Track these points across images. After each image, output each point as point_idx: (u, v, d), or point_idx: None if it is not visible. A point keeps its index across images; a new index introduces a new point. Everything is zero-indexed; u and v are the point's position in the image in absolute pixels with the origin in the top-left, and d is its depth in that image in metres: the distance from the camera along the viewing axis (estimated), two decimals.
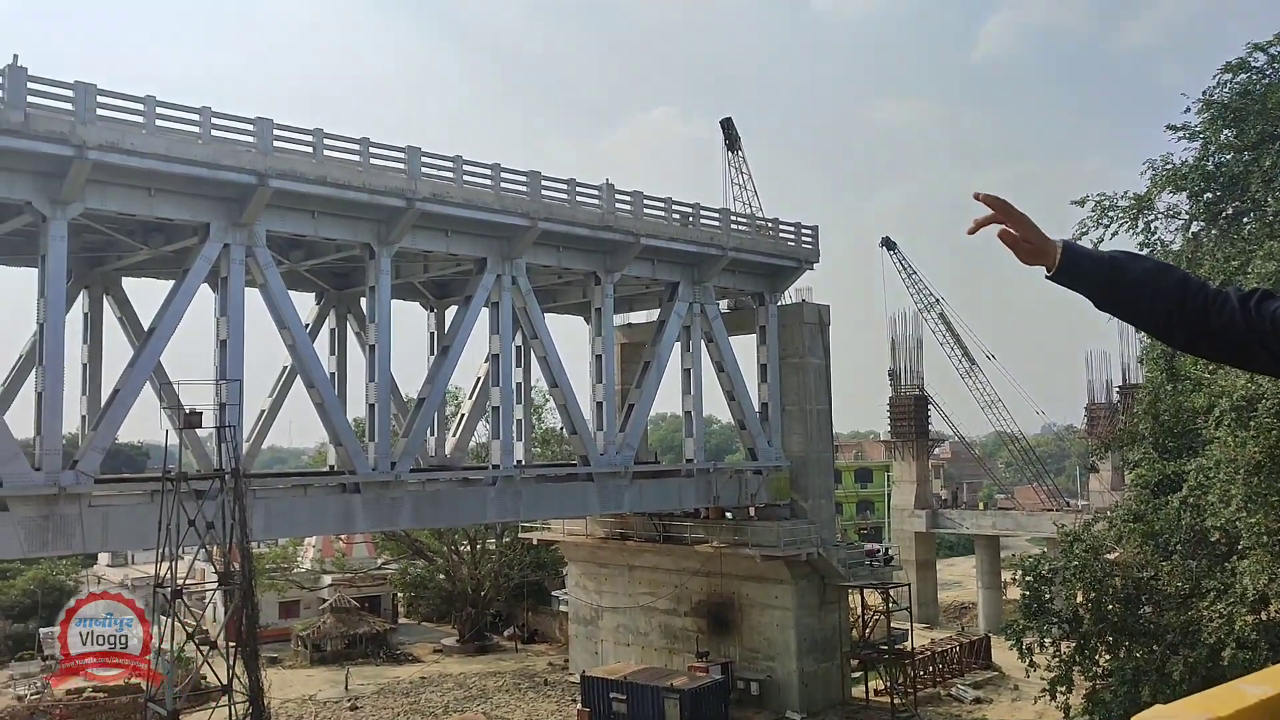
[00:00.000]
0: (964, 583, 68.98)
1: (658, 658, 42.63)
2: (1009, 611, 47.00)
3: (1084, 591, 21.28)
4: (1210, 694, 1.92)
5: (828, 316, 43.59)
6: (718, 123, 52.99)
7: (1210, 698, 1.89)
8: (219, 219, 27.83)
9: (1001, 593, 56.80)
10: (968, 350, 64.57)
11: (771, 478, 41.53)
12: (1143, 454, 21.54)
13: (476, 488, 34.07)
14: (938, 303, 64.20)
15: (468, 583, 57.16)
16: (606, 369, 37.32)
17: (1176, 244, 21.89)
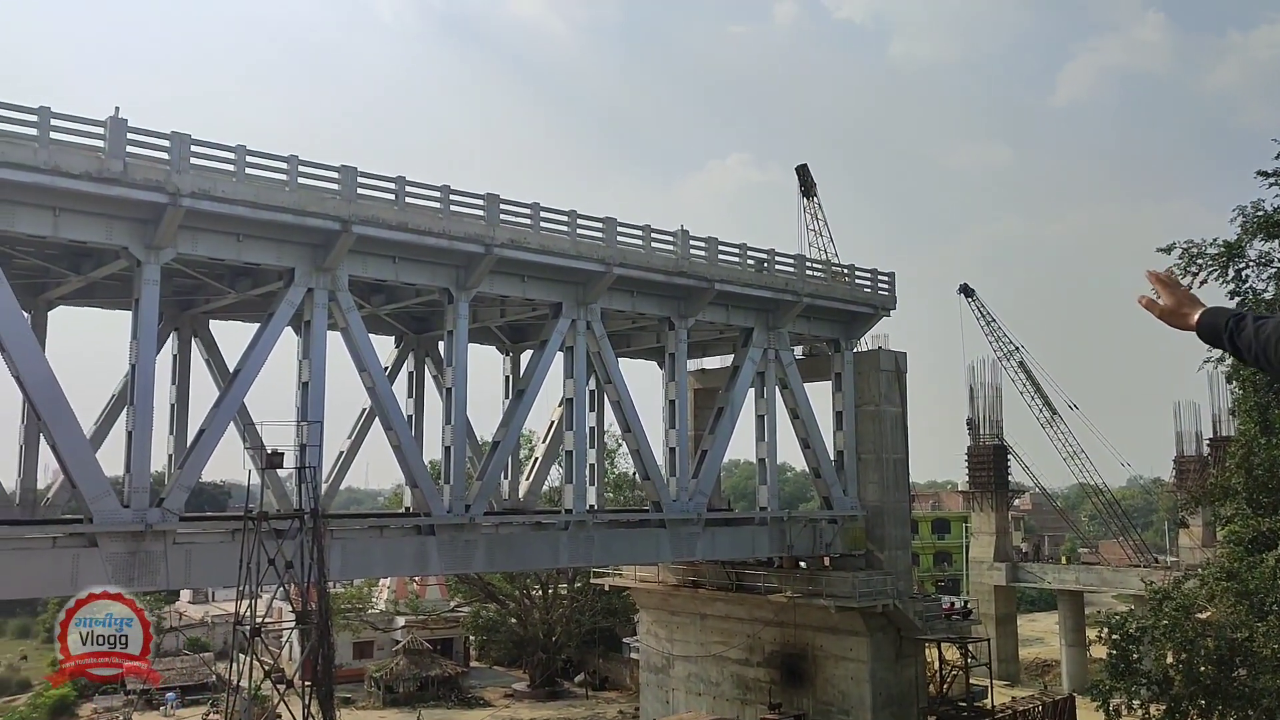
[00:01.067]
0: (1046, 639, 67.00)
1: (730, 708, 41.99)
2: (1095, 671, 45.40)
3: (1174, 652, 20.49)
4: None
5: (904, 364, 43.05)
6: (793, 169, 53.06)
7: None
8: (303, 264, 28.55)
9: (1086, 651, 55.00)
10: (1049, 399, 63.27)
11: (847, 527, 40.92)
12: (1236, 509, 20.78)
13: (549, 532, 34.10)
14: (1017, 350, 63.16)
15: (539, 627, 57.13)
16: (680, 414, 37.25)
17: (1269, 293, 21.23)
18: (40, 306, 32.09)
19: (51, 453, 25.90)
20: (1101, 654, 25.33)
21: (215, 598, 71.63)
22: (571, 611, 57.54)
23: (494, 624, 62.16)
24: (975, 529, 63.10)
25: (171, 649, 62.73)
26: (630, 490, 57.88)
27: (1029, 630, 69.90)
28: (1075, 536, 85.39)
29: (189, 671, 55.80)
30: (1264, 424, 20.16)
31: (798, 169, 52.89)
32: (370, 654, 60.34)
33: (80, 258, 29.30)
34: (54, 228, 24.74)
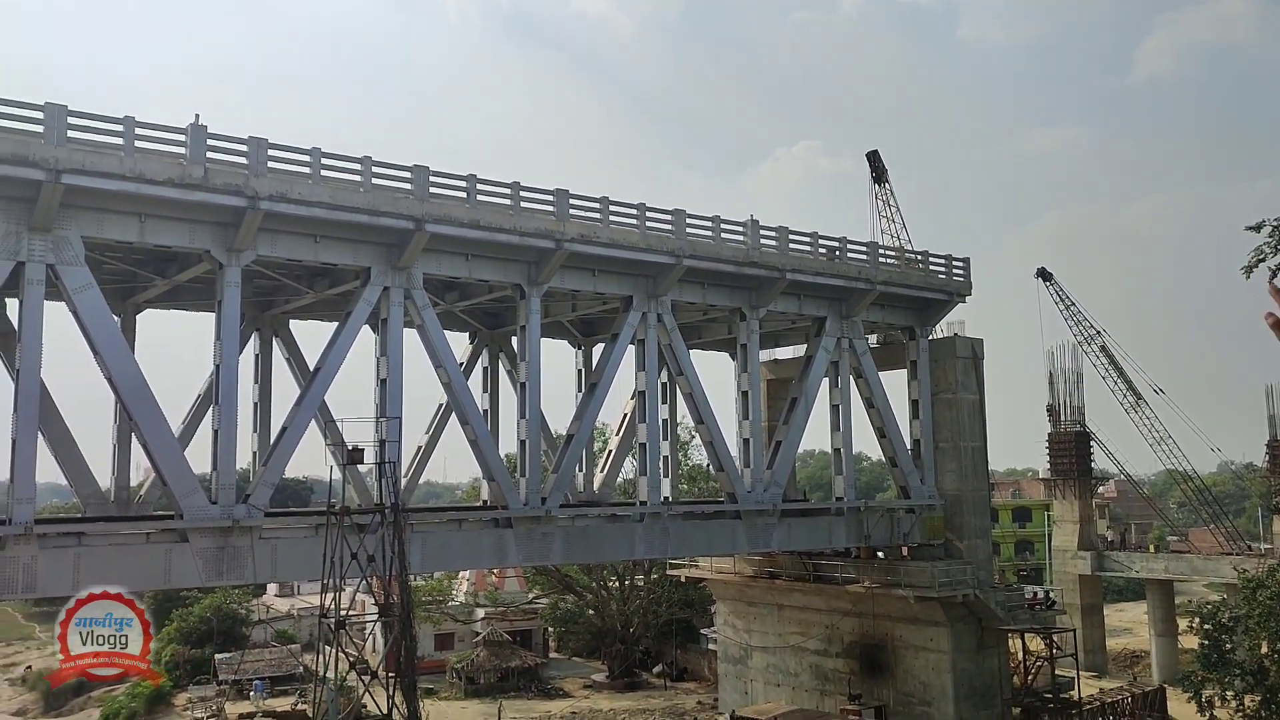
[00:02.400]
0: (1134, 629, 65.42)
1: (808, 699, 41.78)
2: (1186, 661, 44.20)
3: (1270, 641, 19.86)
4: None
5: (981, 350, 42.31)
6: (864, 155, 52.47)
7: None
8: (379, 263, 29.03)
9: (1177, 641, 53.62)
10: (1132, 384, 61.75)
11: (925, 516, 40.40)
12: None
13: (624, 524, 34.25)
14: (1098, 334, 61.72)
15: (617, 619, 57.43)
16: (753, 405, 37.09)
17: None
18: (129, 310, 33.10)
19: (143, 451, 26.70)
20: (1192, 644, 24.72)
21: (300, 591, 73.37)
22: (648, 603, 57.73)
23: (572, 615, 62.65)
24: (1058, 517, 61.81)
25: (260, 640, 64.38)
26: (705, 482, 57.84)
27: (1116, 620, 68.29)
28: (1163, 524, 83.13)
29: (277, 663, 57.22)
30: None
31: (868, 155, 52.30)
32: (451, 646, 61.27)
33: (165, 262, 30.17)
34: (140, 233, 25.49)
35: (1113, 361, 61.62)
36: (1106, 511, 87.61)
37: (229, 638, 63.32)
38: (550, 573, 58.83)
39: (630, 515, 34.20)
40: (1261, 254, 20.63)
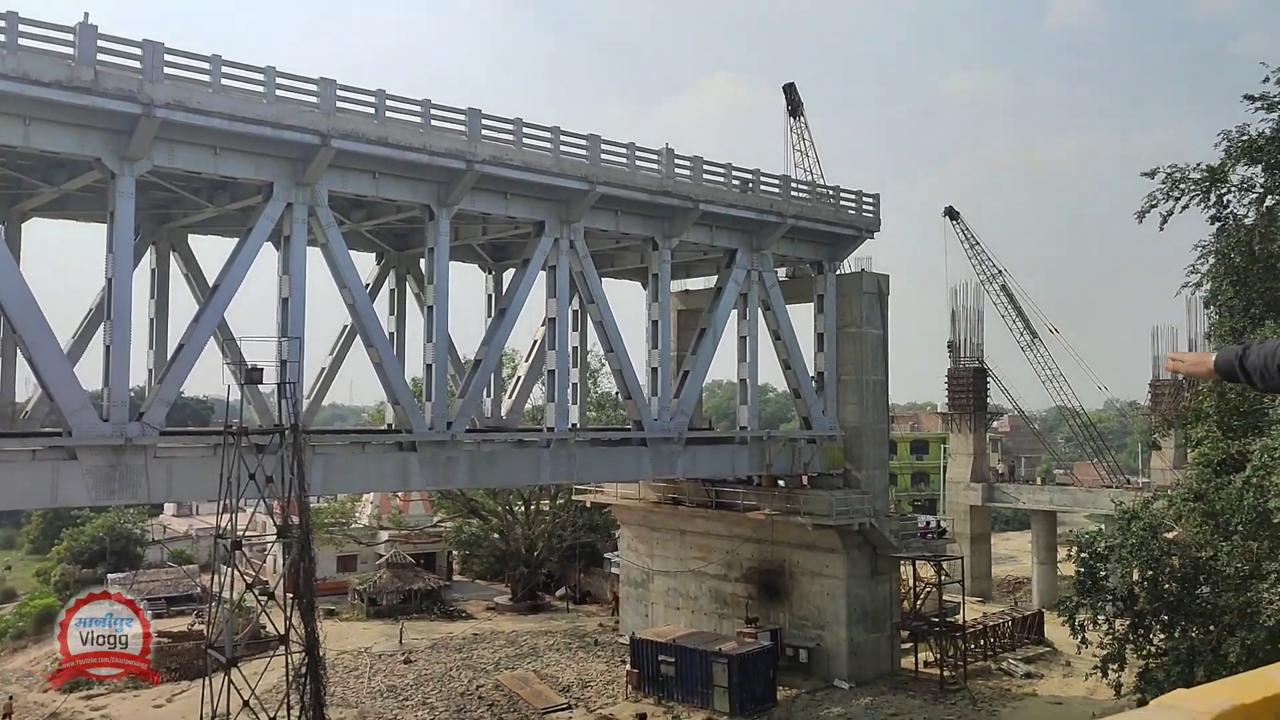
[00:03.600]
0: (1018, 558, 68.32)
1: (707, 622, 42.88)
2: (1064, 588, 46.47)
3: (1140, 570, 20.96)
4: (1240, 679, 1.89)
5: (887, 286, 43.08)
6: (780, 88, 52.37)
7: (1239, 683, 1.86)
8: (282, 178, 28.18)
9: (1056, 569, 56.19)
10: (1030, 323, 63.54)
11: (826, 447, 41.36)
12: (1206, 432, 21.09)
13: (531, 449, 34.36)
14: (1000, 274, 63.21)
15: (521, 543, 57.86)
16: (662, 335, 37.30)
17: (1250, 218, 21.28)
18: (13, 218, 31.67)
19: (29, 366, 25.77)
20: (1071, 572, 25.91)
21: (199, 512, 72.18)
22: (553, 527, 58.26)
23: (476, 539, 62.90)
24: (953, 450, 63.83)
25: (155, 561, 63.35)
26: (613, 409, 58.20)
27: (1002, 549, 71.20)
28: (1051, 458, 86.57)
29: (173, 583, 56.46)
30: None
31: (785, 88, 52.17)
32: (353, 568, 61.12)
33: (54, 169, 28.85)
34: (24, 137, 24.27)
35: (1012, 301, 63.31)
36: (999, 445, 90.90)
37: (123, 557, 62.15)
38: (455, 497, 58.85)
39: (537, 441, 34.31)
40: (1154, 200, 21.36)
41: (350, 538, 61.68)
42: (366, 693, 39.01)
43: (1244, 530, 18.81)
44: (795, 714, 35.94)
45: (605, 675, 40.86)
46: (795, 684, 38.66)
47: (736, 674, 35.26)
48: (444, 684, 39.95)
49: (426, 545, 62.45)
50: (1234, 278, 20.45)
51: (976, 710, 36.27)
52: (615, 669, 41.06)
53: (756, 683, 36.01)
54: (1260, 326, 19.23)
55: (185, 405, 71.96)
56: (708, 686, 35.84)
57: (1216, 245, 21.16)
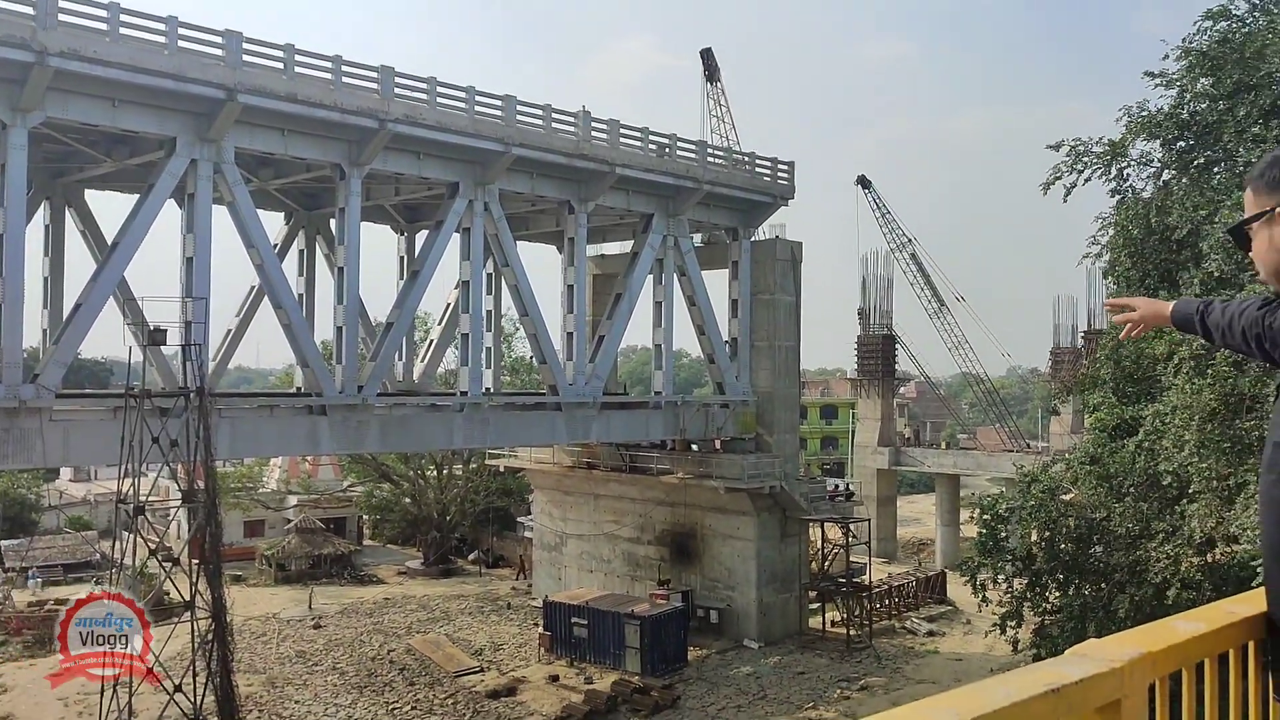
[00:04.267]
0: (923, 520, 70.18)
1: (620, 585, 43.25)
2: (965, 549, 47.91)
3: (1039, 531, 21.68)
4: (1145, 629, 1.98)
5: (800, 254, 43.58)
6: (697, 53, 52.33)
7: (1145, 632, 1.95)
8: (186, 133, 27.27)
9: (959, 530, 57.88)
10: (937, 291, 65.00)
11: (738, 412, 41.85)
12: (1102, 398, 21.85)
13: (444, 413, 34.10)
14: (910, 243, 64.42)
15: (433, 507, 57.51)
16: (578, 299, 37.23)
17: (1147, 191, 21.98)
18: None
19: None
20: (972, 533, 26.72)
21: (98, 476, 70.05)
22: (466, 492, 58.01)
23: (388, 504, 62.30)
24: (861, 415, 65.12)
25: (52, 528, 61.39)
26: (527, 374, 57.99)
27: (908, 511, 73.07)
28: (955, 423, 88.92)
29: (71, 550, 54.80)
30: None
31: (702, 53, 52.17)
32: (261, 533, 60.07)
33: None
34: None
35: (921, 269, 64.62)
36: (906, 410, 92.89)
37: (16, 524, 60.06)
38: (366, 461, 58.14)
39: (450, 405, 34.06)
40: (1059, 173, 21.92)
41: (258, 502, 60.56)
42: (275, 658, 38.50)
43: (1135, 492, 19.61)
44: (705, 673, 36.56)
45: (518, 638, 40.99)
46: (706, 644, 39.28)
47: (648, 635, 35.67)
48: (354, 649, 39.64)
49: (336, 510, 61.63)
50: (1131, 249, 21.12)
51: (881, 667, 37.34)
52: (528, 632, 41.22)
53: (668, 643, 36.50)
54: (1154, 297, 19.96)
55: (83, 367, 69.53)
56: (620, 648, 36.20)
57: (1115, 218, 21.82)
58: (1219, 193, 19.48)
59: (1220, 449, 16.60)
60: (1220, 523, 16.71)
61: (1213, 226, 18.38)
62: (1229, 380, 16.49)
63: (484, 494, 57.91)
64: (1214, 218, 18.51)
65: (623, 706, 32.86)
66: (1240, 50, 19.35)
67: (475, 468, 57.86)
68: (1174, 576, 18.01)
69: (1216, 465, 16.56)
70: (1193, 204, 19.52)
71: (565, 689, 34.67)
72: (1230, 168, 20.15)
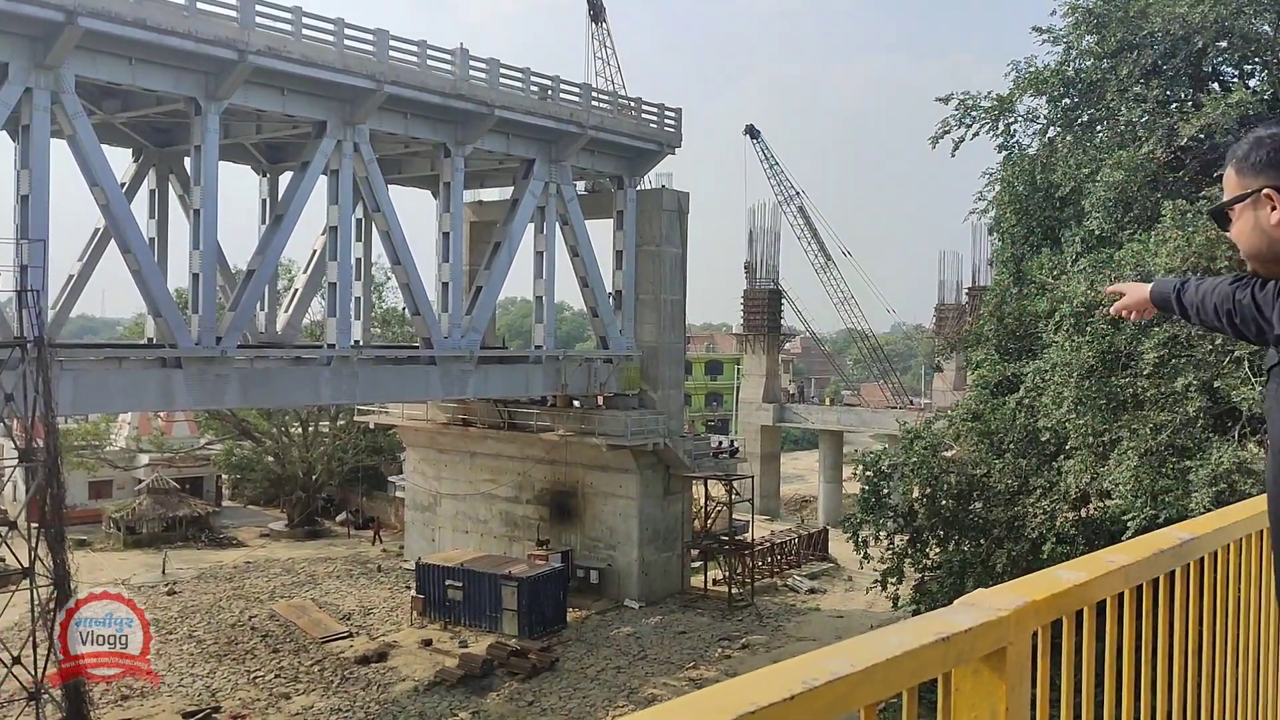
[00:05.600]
0: (806, 476, 72.02)
1: (497, 545, 43.30)
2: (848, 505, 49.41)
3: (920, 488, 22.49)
4: (1030, 578, 2.09)
5: (687, 204, 43.85)
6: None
7: (1028, 582, 2.06)
8: (20, 59, 25.75)
9: (842, 487, 59.60)
10: (824, 246, 66.39)
11: (622, 367, 42.09)
12: (985, 355, 22.69)
13: (309, 367, 33.39)
14: (798, 195, 65.51)
15: (298, 466, 56.47)
16: (454, 248, 36.75)
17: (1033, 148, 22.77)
18: None
19: None
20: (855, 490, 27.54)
21: None
22: (333, 450, 57.11)
23: (249, 462, 60.83)
24: (746, 371, 66.24)
25: None
26: (400, 326, 57.15)
27: (791, 468, 74.89)
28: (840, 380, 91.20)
29: None
30: (1017, 275, 21.91)
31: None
32: (109, 494, 57.96)
33: None
34: None
35: (808, 223, 65.86)
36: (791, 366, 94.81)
37: None
38: (226, 417, 56.61)
39: (316, 359, 33.37)
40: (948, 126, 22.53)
41: (105, 461, 58.40)
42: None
43: (1015, 449, 20.52)
44: (585, 635, 37.01)
45: (389, 602, 40.73)
46: (586, 605, 39.72)
47: (526, 597, 35.88)
48: (213, 615, 38.81)
49: (193, 469, 59.94)
50: (1016, 206, 21.91)
51: (762, 626, 38.40)
52: (400, 595, 40.99)
53: (546, 605, 36.78)
54: (1038, 254, 20.77)
55: None
56: (496, 610, 36.32)
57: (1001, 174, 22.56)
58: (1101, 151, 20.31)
59: (1097, 405, 17.46)
60: (1095, 478, 17.63)
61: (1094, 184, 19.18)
62: (1106, 338, 17.31)
63: (353, 452, 57.09)
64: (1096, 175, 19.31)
65: (499, 670, 33.05)
66: (1125, 9, 20.11)
67: (344, 425, 56.97)
68: (1050, 531, 18.96)
69: (1093, 421, 17.43)
70: (1076, 161, 20.32)
71: (439, 653, 34.66)
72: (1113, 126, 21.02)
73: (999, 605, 1.85)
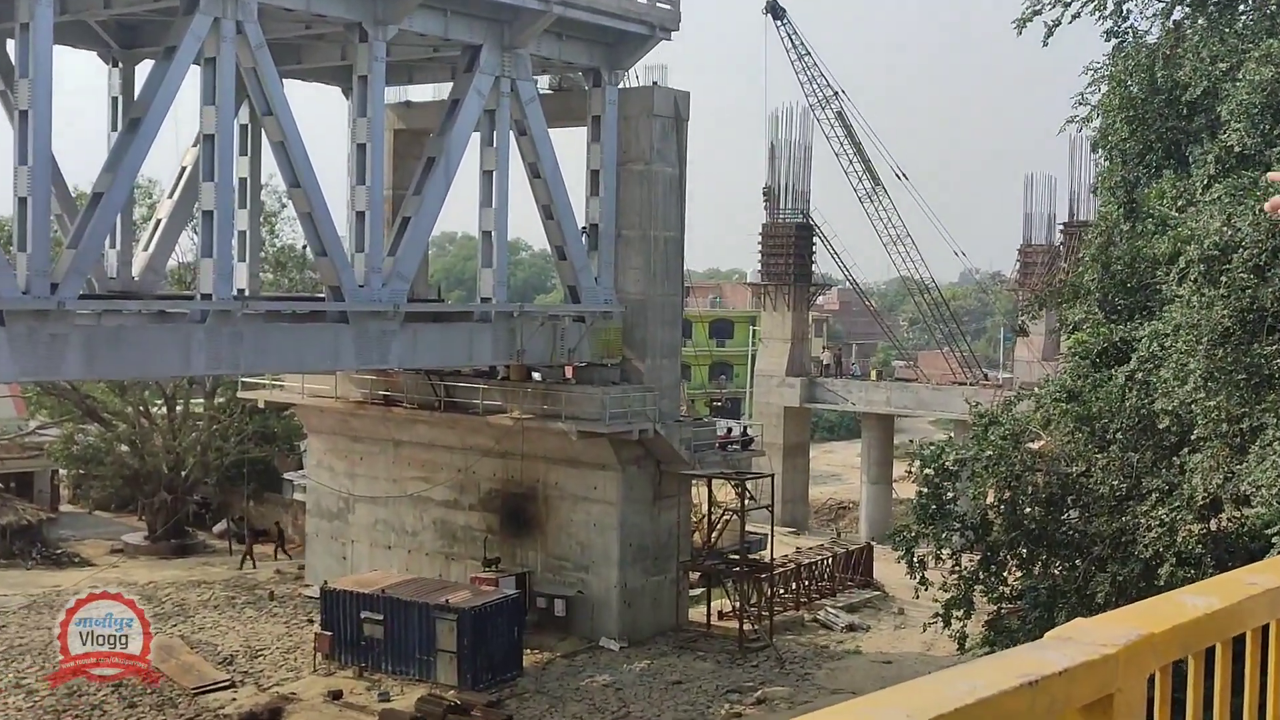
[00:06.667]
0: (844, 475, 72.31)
1: (430, 565, 43.40)
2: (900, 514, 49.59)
3: (997, 490, 22.58)
4: (1145, 605, 2.11)
5: (687, 109, 43.66)
6: None
7: (1142, 610, 2.07)
8: None
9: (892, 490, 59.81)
10: (871, 165, 66.06)
11: (598, 327, 42.05)
12: (1085, 313, 22.72)
13: (178, 325, 33.31)
14: (836, 97, 65.15)
15: (162, 458, 56.43)
16: (373, 165, 36.57)
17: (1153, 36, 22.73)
18: None
19: None
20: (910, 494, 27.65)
21: None
22: (210, 437, 57.04)
23: (96, 454, 60.76)
24: (765, 334, 66.16)
25: None
26: (299, 270, 56.91)
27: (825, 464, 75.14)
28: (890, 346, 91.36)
29: None
30: (1129, 206, 21.91)
31: None
32: None
33: None
34: None
35: (850, 134, 65.44)
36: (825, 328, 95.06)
37: None
38: (64, 393, 56.53)
39: (187, 314, 33.28)
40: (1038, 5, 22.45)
41: None
42: None
43: (1124, 439, 20.59)
44: (547, 685, 37.19)
45: (285, 641, 40.85)
46: (549, 646, 39.86)
47: (468, 634, 35.98)
48: (48, 658, 38.83)
49: (19, 462, 59.93)
50: (1129, 113, 21.88)
51: (784, 674, 38.64)
52: (299, 632, 41.09)
53: (496, 645, 36.89)
54: (1157, 178, 20.79)
55: None
56: (429, 652, 36.44)
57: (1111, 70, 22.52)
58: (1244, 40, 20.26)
59: (1233, 381, 17.50)
60: (1230, 478, 17.70)
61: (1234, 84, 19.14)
62: (1248, 291, 17.33)
63: (236, 440, 57.05)
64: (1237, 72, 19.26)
65: None
66: None
67: (224, 403, 56.88)
68: (1169, 549, 19.04)
69: (1227, 403, 17.47)
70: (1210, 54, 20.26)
71: (351, 709, 34.81)
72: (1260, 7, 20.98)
73: (1104, 640, 1.86)
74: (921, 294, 69.15)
